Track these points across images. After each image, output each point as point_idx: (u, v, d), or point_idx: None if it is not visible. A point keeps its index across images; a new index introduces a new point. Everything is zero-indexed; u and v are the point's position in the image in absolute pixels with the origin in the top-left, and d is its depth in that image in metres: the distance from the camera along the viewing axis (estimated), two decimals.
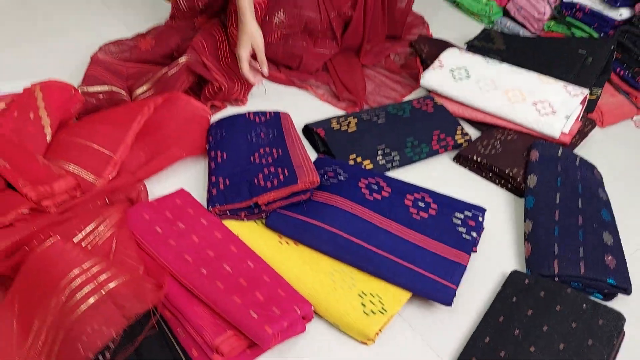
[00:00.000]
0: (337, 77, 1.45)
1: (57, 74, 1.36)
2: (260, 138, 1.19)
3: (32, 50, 1.49)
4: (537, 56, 1.52)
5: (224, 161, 1.12)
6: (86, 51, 1.42)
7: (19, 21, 1.61)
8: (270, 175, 1.04)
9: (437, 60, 1.43)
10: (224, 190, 1.04)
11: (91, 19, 1.64)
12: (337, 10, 1.40)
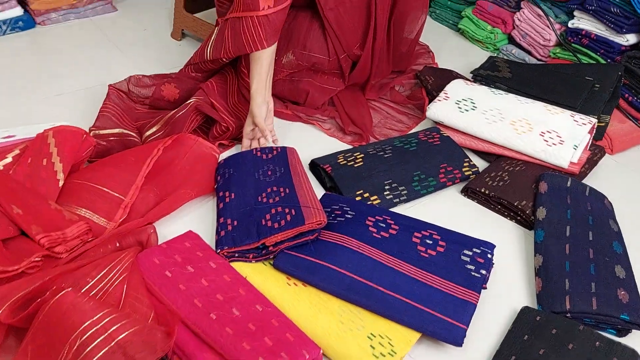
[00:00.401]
0: (343, 111, 1.47)
1: (70, 116, 1.40)
2: (267, 176, 1.20)
3: (44, 94, 1.51)
4: (543, 83, 1.52)
5: (232, 201, 1.13)
6: (98, 93, 1.44)
7: (31, 65, 1.65)
8: (278, 216, 1.05)
9: (443, 92, 1.44)
10: (232, 232, 1.05)
11: (102, 61, 1.68)
12: (347, 52, 1.41)
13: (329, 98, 1.48)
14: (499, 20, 1.80)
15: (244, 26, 1.20)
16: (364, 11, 1.37)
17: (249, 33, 1.21)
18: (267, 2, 1.19)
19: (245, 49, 1.23)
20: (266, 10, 1.19)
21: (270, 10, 1.19)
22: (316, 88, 1.46)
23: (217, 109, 1.31)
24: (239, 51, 1.25)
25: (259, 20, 1.19)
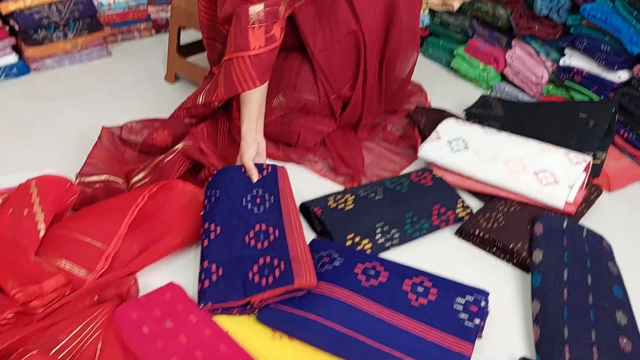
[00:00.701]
0: (335, 152, 1.45)
1: (61, 162, 1.39)
2: (256, 204, 1.15)
3: (37, 140, 1.51)
4: (537, 121, 1.50)
5: (217, 238, 1.08)
6: (90, 138, 1.42)
7: (24, 111, 1.65)
8: (266, 269, 1.00)
9: (435, 132, 1.42)
10: (217, 283, 1.01)
11: (96, 105, 1.68)
12: (337, 93, 1.41)
13: (321, 139, 1.47)
14: (491, 58, 1.80)
15: (235, 67, 1.20)
16: (354, 53, 1.37)
17: (240, 73, 1.20)
18: (258, 42, 1.19)
19: (237, 89, 1.21)
20: (257, 50, 1.19)
21: (261, 50, 1.19)
22: (308, 129, 1.44)
23: (205, 154, 1.29)
24: (230, 92, 1.23)
25: (250, 59, 1.18)
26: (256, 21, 1.17)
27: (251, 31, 1.18)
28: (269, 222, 1.11)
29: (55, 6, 1.79)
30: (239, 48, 1.19)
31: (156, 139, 1.39)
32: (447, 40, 1.96)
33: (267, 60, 1.21)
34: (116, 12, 2.03)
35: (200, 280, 1.03)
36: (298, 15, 1.32)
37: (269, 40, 1.19)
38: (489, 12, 1.76)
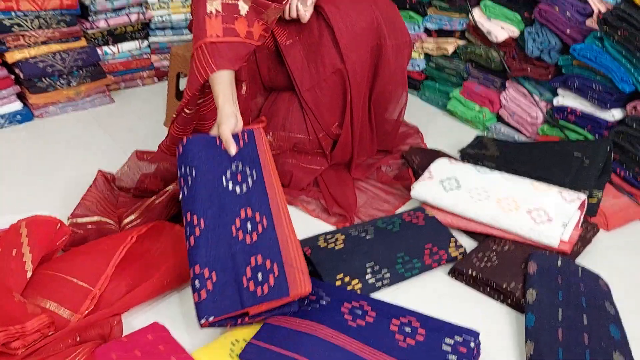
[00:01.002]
0: (327, 192, 1.45)
1: (58, 205, 1.39)
2: (238, 183, 1.09)
3: (37, 184, 1.53)
4: (532, 161, 1.50)
5: (203, 234, 1.03)
6: (89, 182, 1.43)
7: (26, 156, 1.68)
8: (259, 273, 0.98)
9: (427, 171, 1.42)
10: (213, 293, 0.98)
11: (96, 151, 1.70)
12: (326, 131, 1.42)
13: (314, 178, 1.47)
14: (486, 100, 1.81)
15: (194, 58, 1.18)
16: (340, 91, 1.39)
17: (199, 62, 1.17)
18: (215, 31, 1.17)
19: (197, 78, 1.17)
20: (214, 39, 1.17)
21: (218, 39, 1.17)
22: (300, 169, 1.45)
23: None
24: (193, 84, 1.19)
25: (206, 46, 1.16)
26: (213, 10, 1.16)
27: (208, 20, 1.17)
28: (254, 207, 1.06)
29: (59, 55, 1.85)
30: (197, 38, 1.18)
31: (148, 183, 1.40)
32: (443, 83, 1.98)
33: (226, 52, 1.17)
34: (120, 61, 2.08)
35: (195, 290, 0.99)
36: (287, 54, 1.35)
37: (227, 32, 1.17)
38: (482, 55, 1.78)
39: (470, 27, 1.82)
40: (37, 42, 1.82)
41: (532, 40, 1.61)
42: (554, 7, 1.54)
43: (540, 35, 1.59)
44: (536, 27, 1.61)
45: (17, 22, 1.77)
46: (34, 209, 1.36)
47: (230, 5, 1.18)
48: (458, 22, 1.86)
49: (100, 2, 1.94)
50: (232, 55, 1.17)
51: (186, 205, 1.07)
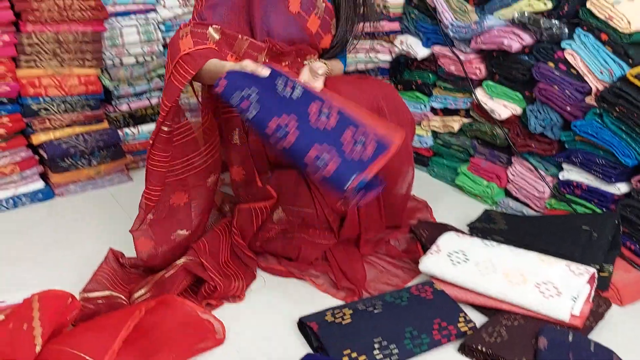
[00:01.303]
0: (336, 266, 1.46)
1: (73, 281, 1.41)
2: (292, 91, 1.19)
3: (53, 261, 1.56)
4: (540, 234, 1.50)
5: (298, 126, 1.13)
6: (101, 256, 1.48)
7: (45, 234, 1.73)
8: (356, 143, 1.13)
9: (435, 245, 1.43)
10: (337, 164, 1.09)
11: (113, 228, 1.73)
12: (331, 207, 1.45)
13: (322, 253, 1.49)
14: (494, 175, 1.84)
15: (172, 74, 1.27)
16: None
17: (177, 73, 1.26)
18: (187, 46, 1.29)
19: (177, 85, 1.26)
20: (187, 50, 1.28)
21: (190, 50, 1.27)
22: (308, 243, 1.47)
23: (206, 268, 1.32)
24: (174, 90, 1.26)
25: (182, 58, 1.26)
26: (184, 34, 1.31)
27: (180, 41, 1.30)
28: (317, 101, 1.19)
29: (82, 136, 1.94)
30: (172, 57, 1.29)
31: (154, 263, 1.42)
32: (451, 159, 2.03)
33: (204, 52, 1.27)
34: (139, 141, 2.18)
35: (321, 167, 1.10)
36: None
37: (199, 44, 1.29)
38: (487, 132, 1.84)
39: (474, 106, 1.89)
40: (62, 125, 1.92)
41: (535, 117, 1.66)
42: (553, 86, 1.60)
43: (542, 113, 1.65)
44: (538, 105, 1.66)
45: (45, 107, 1.88)
46: (50, 284, 1.39)
47: (199, 33, 1.32)
48: (462, 101, 1.93)
49: (123, 88, 2.07)
50: (209, 54, 1.28)
51: (263, 116, 1.15)
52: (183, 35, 1.32)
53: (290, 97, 1.19)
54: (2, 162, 1.82)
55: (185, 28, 1.34)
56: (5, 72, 1.77)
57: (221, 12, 1.39)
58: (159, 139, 1.33)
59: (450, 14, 1.88)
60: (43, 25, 1.80)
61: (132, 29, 2.03)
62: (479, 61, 1.84)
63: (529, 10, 1.64)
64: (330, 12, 1.50)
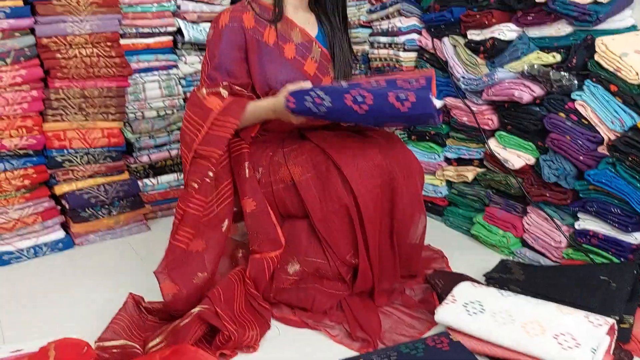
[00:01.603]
0: (351, 316, 1.45)
1: (90, 329, 1.42)
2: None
3: (71, 309, 1.58)
4: (558, 285, 1.48)
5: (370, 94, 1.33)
6: (118, 304, 1.49)
7: (64, 282, 1.75)
8: (401, 98, 1.30)
9: (450, 295, 1.42)
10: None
11: (130, 277, 1.76)
12: (341, 260, 1.46)
13: (337, 303, 1.48)
14: (509, 225, 1.84)
15: (212, 129, 1.42)
16: (348, 224, 1.44)
17: (218, 127, 1.42)
18: (215, 104, 1.44)
19: (223, 134, 1.42)
20: (220, 107, 1.43)
21: (223, 104, 1.43)
22: (323, 293, 1.47)
23: (221, 317, 1.32)
24: (222, 138, 1.42)
25: (221, 113, 1.42)
26: (203, 96, 1.46)
27: (206, 101, 1.45)
28: (361, 81, 1.39)
29: (103, 187, 2.00)
30: (204, 118, 1.43)
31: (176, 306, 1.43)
32: (466, 208, 2.03)
33: (233, 105, 1.44)
34: (158, 192, 2.23)
35: (404, 100, 1.29)
36: (301, 188, 1.45)
37: (224, 99, 1.45)
38: (501, 181, 1.85)
39: (487, 156, 1.90)
40: (84, 176, 1.99)
41: (548, 167, 1.67)
42: (565, 136, 1.61)
43: (555, 162, 1.66)
44: (551, 155, 1.68)
45: (69, 159, 1.95)
46: (66, 332, 1.40)
47: (216, 92, 1.47)
48: (476, 151, 1.95)
49: (144, 140, 2.13)
50: (242, 102, 1.45)
51: (338, 97, 1.35)
52: (203, 96, 1.46)
53: (344, 86, 1.39)
54: (25, 212, 1.87)
55: (200, 91, 1.48)
56: (33, 126, 1.85)
57: (227, 69, 1.51)
58: (205, 185, 1.44)
59: (461, 67, 1.93)
60: (70, 81, 1.89)
61: (154, 84, 2.12)
62: (491, 112, 1.87)
63: (539, 63, 1.68)
64: (326, 57, 1.62)
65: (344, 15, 1.67)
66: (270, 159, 1.53)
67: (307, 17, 1.64)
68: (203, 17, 2.21)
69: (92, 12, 1.87)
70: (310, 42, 1.60)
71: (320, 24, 1.65)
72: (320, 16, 1.65)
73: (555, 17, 1.65)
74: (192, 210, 1.44)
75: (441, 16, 1.98)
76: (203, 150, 1.42)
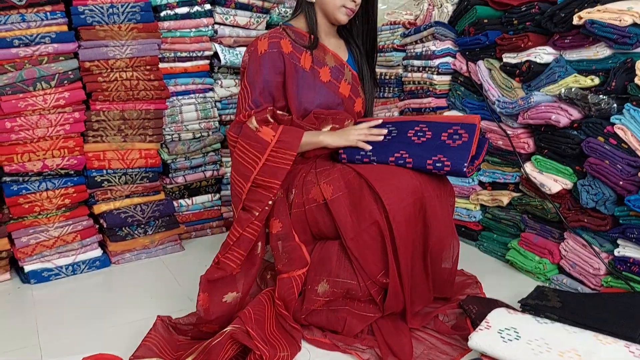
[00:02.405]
0: (382, 340, 1.43)
1: (123, 346, 1.44)
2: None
3: (106, 326, 1.61)
4: (596, 313, 1.43)
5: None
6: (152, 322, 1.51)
7: (100, 300, 1.79)
8: (452, 136, 1.47)
9: (485, 321, 1.39)
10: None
11: (164, 295, 1.78)
12: (372, 279, 1.45)
13: (368, 326, 1.47)
14: (546, 251, 1.80)
15: (271, 159, 1.47)
16: (380, 242, 1.44)
17: (278, 158, 1.47)
18: (269, 135, 1.48)
19: (283, 165, 1.47)
20: (275, 138, 1.47)
21: (277, 136, 1.47)
22: (354, 315, 1.46)
23: (252, 337, 1.32)
24: (277, 174, 1.47)
25: (277, 144, 1.47)
26: (255, 127, 1.49)
27: (260, 133, 1.48)
28: (409, 128, 1.54)
29: (140, 207, 2.04)
30: (261, 150, 1.47)
31: (203, 328, 1.45)
32: (501, 233, 2.00)
33: (289, 135, 1.48)
34: (193, 212, 2.26)
35: (441, 168, 1.42)
36: (333, 207, 1.46)
37: (274, 128, 1.49)
38: (537, 206, 1.81)
39: (523, 180, 1.88)
40: (121, 196, 2.04)
41: (586, 192, 1.64)
42: (604, 160, 1.58)
43: (594, 187, 1.62)
44: (589, 180, 1.64)
45: (107, 179, 2.00)
46: (101, 348, 1.43)
47: (264, 119, 1.52)
48: (511, 175, 1.92)
49: (180, 161, 2.18)
50: (297, 133, 1.51)
51: (382, 159, 1.51)
52: (255, 128, 1.50)
53: (392, 137, 1.53)
54: (65, 230, 1.93)
55: (250, 121, 1.51)
56: (74, 147, 1.91)
57: (271, 93, 1.56)
58: (264, 212, 1.49)
59: (496, 90, 1.92)
60: (110, 103, 1.96)
61: (190, 107, 2.17)
62: (526, 136, 1.85)
63: (576, 86, 1.65)
64: (356, 79, 1.70)
65: (373, 40, 1.74)
66: (303, 179, 1.55)
67: (338, 42, 1.72)
68: (239, 41, 2.26)
69: (132, 37, 1.94)
70: (342, 66, 1.66)
71: (350, 49, 1.73)
72: (349, 42, 1.74)
73: (593, 40, 1.63)
74: (249, 235, 1.49)
75: (476, 39, 1.98)
76: (262, 180, 1.47)
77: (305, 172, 1.57)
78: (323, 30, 1.66)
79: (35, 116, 1.83)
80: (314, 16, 1.62)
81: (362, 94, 1.72)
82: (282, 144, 1.48)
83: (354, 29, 1.72)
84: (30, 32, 1.78)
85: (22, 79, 1.78)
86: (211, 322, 1.44)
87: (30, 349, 1.47)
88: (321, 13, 1.63)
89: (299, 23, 1.66)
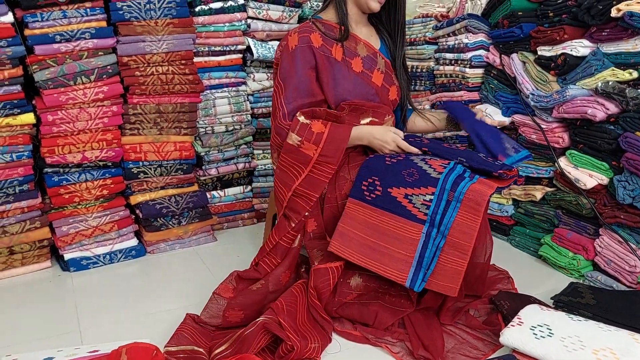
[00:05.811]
0: (414, 334, 1.44)
1: (158, 334, 1.49)
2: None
3: (143, 313, 1.65)
4: (631, 311, 1.42)
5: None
6: (185, 312, 1.55)
7: (136, 288, 1.84)
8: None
9: (517, 317, 1.38)
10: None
11: (197, 285, 1.82)
12: None
13: (400, 319, 1.48)
14: (580, 247, 1.77)
15: (315, 171, 1.51)
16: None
17: (320, 171, 1.51)
18: (311, 150, 1.49)
19: (323, 177, 1.51)
20: (316, 152, 1.49)
21: (318, 149, 1.50)
22: (385, 308, 1.47)
23: (284, 328, 1.35)
24: (317, 186, 1.52)
25: (318, 160, 1.50)
26: (299, 142, 1.51)
27: (301, 148, 1.50)
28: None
29: (174, 198, 2.09)
30: (304, 162, 1.51)
31: (230, 318, 1.48)
32: (534, 229, 1.97)
33: (330, 146, 1.50)
34: (225, 204, 2.30)
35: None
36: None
37: (316, 141, 1.50)
38: (572, 201, 1.79)
39: (557, 175, 1.85)
40: (157, 187, 2.08)
41: (623, 188, 1.61)
42: None
43: (631, 183, 1.59)
44: (626, 175, 1.61)
45: (143, 170, 2.05)
46: (137, 336, 1.47)
47: (304, 126, 1.53)
48: (545, 170, 1.90)
49: (213, 153, 2.22)
50: (334, 147, 1.52)
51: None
52: (297, 144, 1.53)
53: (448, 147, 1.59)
54: (103, 220, 1.98)
55: (290, 138, 1.54)
56: (112, 139, 1.96)
57: (306, 88, 1.57)
58: (300, 224, 1.57)
59: (530, 83, 1.89)
60: (147, 97, 2.00)
61: (224, 100, 2.20)
62: (561, 130, 1.82)
63: (614, 80, 1.62)
64: (389, 66, 1.69)
65: (402, 26, 1.72)
66: (336, 174, 1.56)
67: (369, 30, 1.71)
68: (272, 35, 2.28)
69: (168, 32, 1.97)
70: (375, 55, 1.65)
71: (381, 37, 1.72)
72: (380, 29, 1.73)
73: (632, 33, 1.59)
74: (284, 244, 1.58)
75: (510, 32, 1.96)
76: (302, 190, 1.53)
77: (338, 167, 1.58)
78: (354, 19, 1.65)
79: (76, 109, 1.88)
80: (344, 6, 1.62)
81: (396, 81, 1.72)
82: (325, 158, 1.51)
83: (383, 16, 1.71)
84: (71, 28, 1.83)
85: (64, 73, 1.84)
86: (233, 308, 1.48)
87: (71, 335, 1.53)
88: (352, 2, 1.63)
89: (329, 15, 1.66)
